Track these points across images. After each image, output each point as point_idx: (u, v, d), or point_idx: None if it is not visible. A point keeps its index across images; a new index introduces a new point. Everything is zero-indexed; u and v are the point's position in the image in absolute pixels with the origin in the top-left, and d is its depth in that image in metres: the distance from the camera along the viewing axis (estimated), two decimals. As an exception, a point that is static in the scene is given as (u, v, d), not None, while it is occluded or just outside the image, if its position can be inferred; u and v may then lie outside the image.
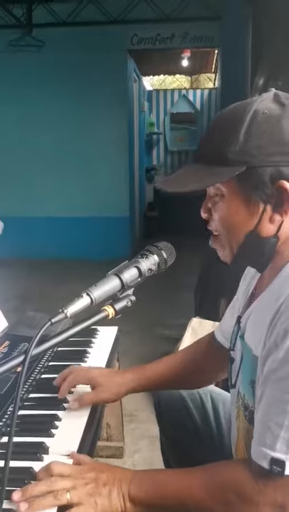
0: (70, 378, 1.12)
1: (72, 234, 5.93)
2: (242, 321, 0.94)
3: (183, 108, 8.52)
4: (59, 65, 5.55)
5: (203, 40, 5.62)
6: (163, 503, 0.79)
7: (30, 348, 0.68)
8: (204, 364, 1.19)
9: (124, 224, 6.04)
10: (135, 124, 6.47)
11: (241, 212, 0.81)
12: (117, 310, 0.79)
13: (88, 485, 0.79)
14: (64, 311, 0.75)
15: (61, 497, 0.76)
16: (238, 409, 0.93)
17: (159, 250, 0.87)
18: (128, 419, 2.21)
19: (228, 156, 0.78)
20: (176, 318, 3.57)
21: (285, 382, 0.71)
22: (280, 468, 0.70)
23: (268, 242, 0.82)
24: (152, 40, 5.61)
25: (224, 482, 0.77)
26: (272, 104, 0.79)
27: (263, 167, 0.77)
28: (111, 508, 0.78)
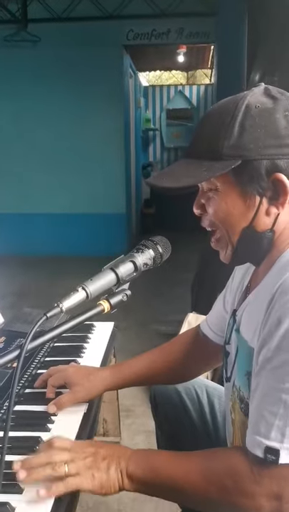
0: (50, 381, 1.12)
1: (68, 231, 5.92)
2: (237, 314, 0.94)
3: (179, 104, 8.50)
4: (55, 61, 5.52)
5: (199, 35, 5.60)
6: (159, 483, 0.80)
7: (26, 343, 0.68)
8: (188, 358, 1.18)
9: (121, 221, 6.03)
10: (131, 120, 6.46)
11: (238, 205, 0.81)
12: (112, 304, 0.79)
13: (87, 458, 0.81)
14: (59, 305, 0.75)
15: (59, 469, 0.78)
16: (234, 402, 0.93)
17: (155, 245, 0.87)
18: (124, 414, 2.21)
19: (222, 151, 0.78)
20: (172, 314, 3.57)
21: (280, 370, 0.71)
22: (275, 456, 0.71)
23: (264, 237, 0.82)
24: (148, 36, 5.59)
25: (221, 468, 0.77)
26: (264, 97, 0.79)
27: (259, 160, 0.77)
28: (108, 482, 0.79)
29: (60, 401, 1.05)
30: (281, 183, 0.77)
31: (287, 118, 0.77)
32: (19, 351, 0.67)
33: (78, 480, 0.79)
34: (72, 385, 1.09)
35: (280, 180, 0.77)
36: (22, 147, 5.81)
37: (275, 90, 0.80)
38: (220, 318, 1.10)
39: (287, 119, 0.77)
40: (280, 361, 0.71)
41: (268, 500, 0.73)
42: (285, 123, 0.77)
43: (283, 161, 0.77)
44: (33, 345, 0.70)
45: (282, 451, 0.70)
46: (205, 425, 1.23)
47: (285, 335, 0.71)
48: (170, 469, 0.80)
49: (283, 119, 0.77)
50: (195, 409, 1.24)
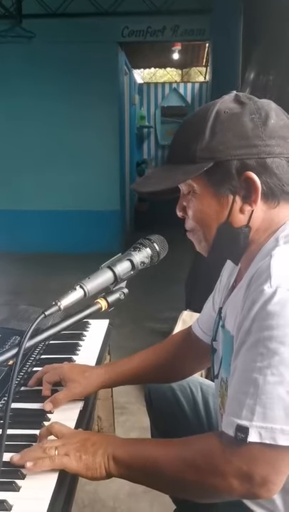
0: (45, 378, 1.13)
1: (62, 228, 5.91)
2: (222, 311, 0.98)
3: (174, 101, 8.50)
4: (49, 57, 5.50)
5: (194, 33, 5.60)
6: (142, 467, 0.84)
7: (24, 341, 0.68)
8: (179, 358, 1.21)
9: (115, 218, 6.03)
10: (126, 117, 6.45)
11: (213, 205, 0.86)
12: (109, 303, 0.80)
13: (77, 443, 0.85)
14: (57, 303, 0.75)
15: (49, 451, 0.83)
16: (222, 397, 0.95)
17: (152, 243, 0.89)
18: (119, 411, 2.22)
19: (196, 154, 0.83)
20: (167, 311, 3.58)
21: (252, 351, 0.73)
22: (244, 435, 0.71)
23: (240, 232, 0.85)
24: (143, 33, 5.58)
25: (196, 450, 0.80)
26: (233, 103, 0.84)
27: (229, 161, 0.82)
28: (94, 464, 0.83)
29: (57, 398, 1.06)
30: (251, 180, 0.82)
31: (253, 121, 0.82)
32: (17, 349, 0.67)
33: (65, 459, 0.83)
34: (68, 381, 1.10)
35: (250, 178, 0.82)
36: (16, 144, 5.78)
37: (244, 96, 0.86)
38: (209, 318, 1.13)
39: (254, 121, 0.82)
40: (252, 342, 0.74)
41: (239, 480, 0.74)
42: (251, 125, 0.81)
43: (252, 160, 0.81)
44: (31, 343, 0.70)
45: (251, 429, 0.71)
46: (199, 422, 1.24)
47: (256, 316, 0.73)
48: (153, 453, 0.83)
49: (250, 121, 0.82)
50: (189, 406, 1.25)
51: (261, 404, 0.71)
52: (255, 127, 0.81)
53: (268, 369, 0.71)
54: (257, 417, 0.71)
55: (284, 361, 0.70)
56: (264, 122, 0.81)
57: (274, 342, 0.70)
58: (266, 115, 0.82)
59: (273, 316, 0.71)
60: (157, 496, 1.66)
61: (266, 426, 0.70)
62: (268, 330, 0.71)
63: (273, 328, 0.71)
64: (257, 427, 0.71)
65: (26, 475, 0.84)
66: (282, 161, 0.82)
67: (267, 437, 0.70)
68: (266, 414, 0.70)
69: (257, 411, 0.71)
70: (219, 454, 0.76)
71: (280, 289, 0.72)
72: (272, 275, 0.73)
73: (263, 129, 0.81)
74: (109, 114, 5.72)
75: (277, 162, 0.82)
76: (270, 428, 0.70)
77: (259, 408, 0.71)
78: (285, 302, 0.71)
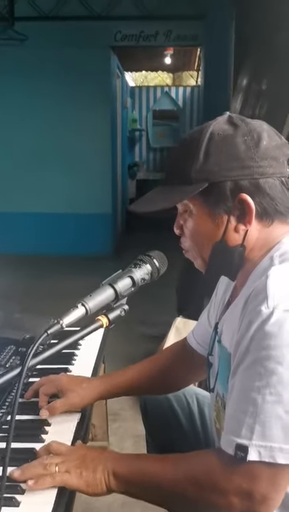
0: (42, 390, 1.13)
1: (54, 230, 5.89)
2: (219, 326, 0.99)
3: (165, 105, 8.54)
4: (42, 60, 5.49)
5: (187, 38, 5.63)
6: (143, 483, 0.85)
7: (27, 361, 0.68)
8: (174, 369, 1.22)
9: (107, 220, 6.03)
10: (118, 120, 6.46)
11: (208, 224, 0.88)
12: (110, 320, 0.81)
13: (77, 460, 0.86)
14: (60, 321, 0.76)
15: (50, 468, 0.84)
16: (218, 412, 0.97)
17: (152, 259, 0.90)
18: (112, 418, 2.22)
19: (191, 175, 0.85)
20: (159, 316, 3.59)
21: (250, 370, 0.75)
22: (243, 453, 0.73)
23: (235, 251, 0.87)
24: (136, 37, 5.59)
25: (196, 467, 0.81)
26: (226, 125, 0.86)
27: (223, 182, 0.84)
28: (94, 480, 0.84)
29: (54, 406, 1.07)
30: (245, 202, 0.84)
31: (246, 142, 0.84)
32: (20, 369, 0.67)
33: (66, 476, 0.83)
34: (65, 391, 1.11)
35: (244, 200, 0.84)
36: (7, 146, 5.76)
37: (237, 118, 0.88)
38: (205, 331, 1.14)
39: (247, 143, 0.83)
40: (250, 362, 0.75)
41: (239, 498, 0.75)
42: (244, 147, 0.83)
43: (245, 181, 0.83)
44: (34, 362, 0.71)
45: (250, 448, 0.73)
46: (195, 432, 1.25)
47: (253, 336, 0.75)
48: (152, 469, 0.84)
49: (243, 143, 0.84)
50: (185, 416, 1.26)
51: (260, 424, 0.72)
52: (247, 149, 0.83)
53: (267, 388, 0.72)
54: (256, 436, 0.72)
55: (282, 381, 0.71)
56: (256, 144, 0.84)
57: (272, 362, 0.72)
58: (258, 137, 0.84)
59: (271, 336, 0.73)
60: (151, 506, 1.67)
61: (265, 445, 0.72)
62: (265, 350, 0.73)
63: (271, 348, 0.72)
64: (256, 445, 0.72)
65: (26, 490, 0.84)
66: (275, 181, 0.84)
67: (266, 456, 0.72)
68: (265, 433, 0.72)
69: (256, 430, 0.72)
70: (219, 472, 0.77)
71: (277, 310, 0.73)
72: (269, 296, 0.75)
73: (255, 150, 0.83)
74: (102, 117, 5.72)
75: (270, 182, 0.84)
76: (269, 447, 0.72)
77: (258, 427, 0.72)
78: (282, 323, 0.72)
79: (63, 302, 3.39)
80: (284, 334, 0.72)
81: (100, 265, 5.28)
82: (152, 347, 2.93)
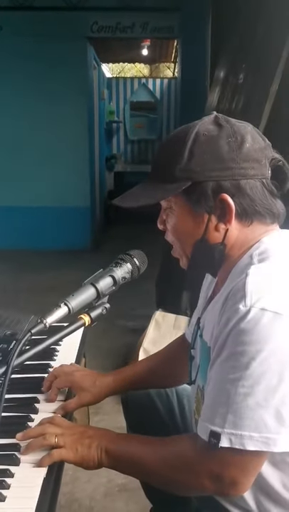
0: (55, 383, 1.16)
1: (31, 224, 5.85)
2: (201, 321, 1.03)
3: (143, 97, 8.52)
4: (16, 50, 5.40)
5: (164, 30, 5.62)
6: (128, 461, 0.93)
7: (12, 360, 0.70)
8: (178, 364, 1.25)
9: (85, 213, 6.01)
10: (95, 112, 6.41)
11: (188, 222, 0.91)
12: (92, 318, 0.83)
13: (75, 435, 0.93)
14: (43, 321, 0.78)
15: (49, 438, 0.91)
16: (198, 404, 1.01)
17: (132, 258, 0.92)
18: (93, 411, 2.25)
19: (174, 174, 0.88)
20: (138, 308, 3.62)
21: (226, 363, 0.80)
22: (216, 440, 0.79)
23: (215, 249, 0.90)
24: (112, 29, 5.56)
25: (174, 450, 0.90)
26: (212, 125, 0.89)
27: (205, 182, 0.86)
28: (88, 456, 0.92)
29: (68, 406, 1.12)
30: (226, 202, 0.87)
31: (229, 144, 0.86)
32: (5, 368, 0.69)
33: (63, 451, 0.91)
34: (78, 390, 1.15)
35: (225, 200, 0.87)
36: (-17, 138, 5.68)
37: (223, 119, 0.90)
38: None
39: (230, 145, 0.86)
40: (226, 355, 0.80)
41: (210, 480, 0.83)
42: (227, 148, 0.86)
43: (227, 182, 0.86)
44: (19, 361, 0.72)
45: (222, 435, 0.78)
46: (175, 424, 1.28)
47: (230, 332, 0.79)
48: (137, 451, 0.92)
49: (226, 145, 0.86)
50: (165, 409, 1.29)
51: (232, 413, 0.77)
52: (230, 150, 0.86)
53: (240, 381, 0.77)
54: (228, 425, 0.78)
55: (254, 375, 0.76)
56: (239, 146, 0.86)
57: (246, 357, 0.76)
58: (242, 139, 0.86)
59: (247, 333, 0.76)
60: (133, 495, 1.71)
61: (236, 433, 0.77)
62: (241, 345, 0.77)
63: (246, 344, 0.76)
64: (228, 433, 0.78)
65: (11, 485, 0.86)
66: (256, 182, 0.87)
67: (236, 443, 0.77)
68: (236, 422, 0.77)
69: (228, 419, 0.78)
70: (193, 456, 0.85)
71: (254, 308, 0.77)
72: (246, 294, 0.78)
73: (238, 152, 0.86)
74: (78, 109, 5.68)
75: (251, 184, 0.87)
76: (239, 435, 0.77)
77: (230, 416, 0.77)
78: (257, 321, 0.76)
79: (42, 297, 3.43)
80: (259, 331, 0.76)
81: (79, 258, 5.28)
82: (132, 340, 2.96)
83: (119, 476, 1.84)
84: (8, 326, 1.55)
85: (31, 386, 1.20)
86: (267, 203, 0.88)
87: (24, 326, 1.59)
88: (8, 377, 0.68)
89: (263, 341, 0.75)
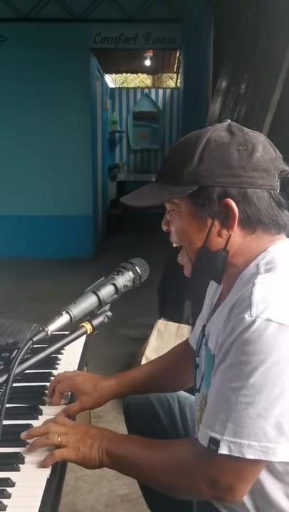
0: (58, 388, 1.17)
1: (34, 233, 5.87)
2: (206, 329, 1.03)
3: (145, 107, 8.57)
4: (21, 61, 5.45)
5: (166, 41, 5.67)
6: (128, 463, 0.94)
7: (13, 368, 0.70)
8: (180, 369, 1.26)
9: (87, 222, 6.03)
10: (98, 122, 6.46)
11: (192, 226, 0.91)
12: (94, 326, 0.83)
13: (78, 434, 0.95)
14: (45, 329, 0.78)
15: (52, 438, 0.93)
16: (201, 412, 1.00)
17: (134, 266, 0.92)
18: (94, 420, 2.24)
19: (182, 177, 0.88)
20: (140, 317, 3.61)
21: (228, 372, 0.80)
22: (215, 447, 0.79)
23: (218, 255, 0.90)
24: (116, 40, 5.61)
25: (172, 457, 0.90)
26: (224, 132, 0.89)
27: (212, 187, 0.87)
28: (90, 456, 0.93)
29: (70, 410, 1.13)
30: (230, 207, 0.87)
31: (240, 152, 0.86)
32: (6, 376, 0.69)
33: (65, 451, 0.92)
34: (80, 394, 1.16)
35: (229, 205, 0.87)
36: (-14, 147, 5.72)
37: (236, 127, 0.90)
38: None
39: (240, 152, 0.86)
40: (229, 363, 0.80)
41: (207, 485, 0.83)
42: (237, 156, 0.86)
43: (234, 189, 0.86)
44: (20, 369, 0.72)
45: (222, 442, 0.78)
46: (176, 433, 1.28)
47: (235, 341, 0.79)
48: (137, 453, 0.93)
49: (236, 152, 0.86)
50: (167, 417, 1.29)
51: (232, 421, 0.78)
52: (240, 158, 0.86)
53: (241, 390, 0.77)
54: (228, 432, 0.78)
55: (256, 385, 0.76)
56: (249, 154, 0.86)
57: (249, 366, 0.76)
58: (253, 148, 0.87)
59: (251, 343, 0.76)
60: (134, 505, 1.70)
61: (235, 441, 0.77)
62: (244, 355, 0.77)
63: (250, 354, 0.76)
64: (227, 441, 0.78)
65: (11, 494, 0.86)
66: (263, 192, 0.87)
67: (235, 451, 0.77)
68: (236, 430, 0.77)
69: (228, 427, 0.78)
70: (192, 461, 0.86)
71: (259, 318, 0.77)
72: (252, 304, 0.78)
73: (247, 160, 0.86)
74: (82, 119, 5.73)
75: (258, 193, 0.87)
76: (238, 443, 0.77)
77: (230, 424, 0.78)
78: (262, 331, 0.76)
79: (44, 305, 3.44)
80: (263, 342, 0.76)
81: (81, 267, 5.29)
82: (134, 349, 2.96)
83: (120, 487, 1.83)
84: (10, 334, 1.56)
85: (33, 395, 1.20)
86: (272, 214, 0.88)
87: (26, 334, 1.60)
88: (9, 386, 0.68)
89: (267, 352, 0.75)
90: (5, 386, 0.68)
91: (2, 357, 1.41)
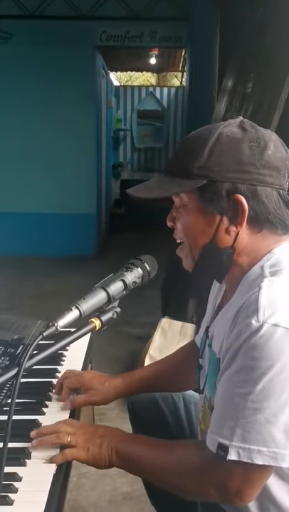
0: (66, 383, 1.18)
1: (38, 230, 5.87)
2: (210, 330, 1.02)
3: (150, 105, 8.56)
4: (26, 58, 5.45)
5: (172, 39, 5.67)
6: (137, 463, 0.94)
7: (24, 362, 0.70)
8: (187, 369, 1.25)
9: (91, 221, 6.03)
10: (103, 120, 6.46)
11: (200, 221, 0.90)
12: (103, 322, 0.83)
13: (86, 434, 0.95)
14: (54, 324, 0.78)
15: (62, 437, 0.94)
16: (204, 413, 1.01)
17: (143, 263, 0.92)
18: (98, 417, 2.24)
19: (192, 171, 0.87)
20: (143, 315, 3.61)
21: (235, 377, 0.79)
22: (224, 452, 0.79)
23: (224, 253, 0.89)
24: (121, 38, 5.61)
25: (180, 460, 0.90)
26: (236, 128, 0.88)
27: (222, 182, 0.85)
28: (100, 455, 0.93)
29: (76, 401, 1.14)
30: (239, 203, 0.85)
31: (251, 148, 0.85)
32: (16, 370, 0.69)
33: (75, 451, 0.92)
34: (88, 389, 1.17)
35: (239, 201, 0.85)
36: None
37: (248, 124, 0.89)
38: None
39: (252, 149, 0.85)
40: (236, 369, 0.79)
41: (215, 489, 0.84)
42: (249, 152, 0.85)
43: (243, 185, 0.85)
44: (30, 363, 0.73)
45: (230, 448, 0.78)
46: (182, 431, 1.28)
47: (242, 346, 0.78)
48: (146, 454, 0.93)
49: (248, 148, 0.85)
50: (172, 415, 1.29)
51: (241, 427, 0.77)
52: (251, 155, 0.85)
53: (249, 396, 0.76)
54: (236, 438, 0.78)
55: (264, 391, 0.75)
56: (261, 152, 0.85)
57: (257, 372, 0.76)
58: (265, 145, 0.86)
59: (258, 348, 0.76)
60: (137, 503, 1.70)
61: (244, 446, 0.77)
62: (252, 360, 0.76)
63: (257, 359, 0.76)
64: (236, 446, 0.78)
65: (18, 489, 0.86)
66: (272, 190, 0.86)
67: (245, 457, 0.77)
68: (245, 436, 0.77)
69: (237, 432, 0.78)
70: (200, 465, 0.86)
71: (267, 323, 0.76)
72: (259, 309, 0.77)
73: (258, 157, 0.85)
74: (86, 116, 5.72)
75: (267, 191, 0.86)
76: (247, 448, 0.77)
77: (239, 430, 0.77)
78: (269, 336, 0.75)
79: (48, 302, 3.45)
80: (271, 347, 0.75)
81: (84, 265, 5.29)
82: (138, 347, 2.96)
83: (123, 485, 1.83)
84: (15, 330, 1.56)
85: (39, 390, 1.21)
86: (280, 214, 0.87)
87: (31, 330, 1.60)
88: (19, 379, 0.69)
89: (275, 357, 0.75)
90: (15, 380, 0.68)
91: (8, 353, 1.41)
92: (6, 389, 1.23)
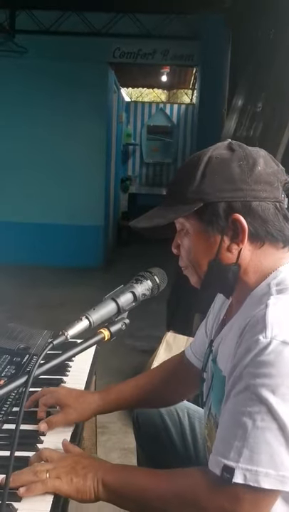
0: (41, 401, 1.14)
1: (45, 241, 5.91)
2: (214, 345, 1.01)
3: (160, 121, 8.67)
4: (40, 72, 5.56)
5: (184, 58, 5.75)
6: (130, 494, 0.86)
7: (33, 370, 0.71)
8: (173, 383, 1.24)
9: (99, 233, 6.07)
10: (113, 134, 6.54)
11: (201, 244, 0.91)
12: (112, 333, 0.84)
13: (68, 466, 0.88)
14: (64, 333, 0.79)
15: (40, 475, 0.86)
16: (210, 430, 0.99)
17: (153, 276, 0.93)
18: (100, 430, 2.23)
19: (187, 195, 0.89)
20: (147, 329, 3.61)
21: (241, 395, 0.77)
22: (230, 475, 0.75)
23: (229, 270, 0.90)
24: (134, 55, 5.71)
25: (182, 486, 0.83)
26: (225, 150, 0.90)
27: (217, 202, 0.87)
28: (84, 487, 0.86)
29: (52, 421, 1.08)
30: (239, 222, 0.87)
31: (241, 167, 0.87)
32: (26, 378, 0.70)
33: (57, 482, 0.85)
34: (63, 406, 1.12)
35: (237, 220, 0.87)
36: (2, 155, 5.79)
37: (236, 144, 0.92)
38: (202, 344, 1.16)
39: (242, 167, 0.87)
40: (243, 387, 0.77)
41: None
42: (239, 171, 0.87)
43: (238, 203, 0.87)
44: (39, 371, 0.73)
45: (236, 470, 0.74)
46: (186, 446, 1.27)
47: (248, 364, 0.77)
48: (139, 483, 0.86)
49: (238, 167, 0.87)
50: (176, 430, 1.28)
51: (248, 447, 0.74)
52: (242, 173, 0.87)
53: (258, 414, 0.74)
54: (243, 459, 0.74)
55: (273, 409, 0.73)
56: (251, 168, 0.87)
57: (265, 390, 0.74)
58: (254, 162, 0.87)
59: (267, 365, 0.74)
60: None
61: (251, 468, 0.74)
62: (260, 378, 0.75)
63: (266, 376, 0.74)
64: (242, 468, 0.74)
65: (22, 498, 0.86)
66: (268, 204, 0.87)
67: (251, 479, 0.73)
68: (252, 457, 0.74)
69: (244, 453, 0.74)
70: (204, 491, 0.80)
71: (275, 340, 0.75)
72: (267, 326, 0.77)
73: (249, 174, 0.87)
74: (97, 130, 5.80)
75: (263, 206, 0.87)
76: (254, 471, 0.73)
77: (246, 451, 0.74)
78: (278, 353, 0.74)
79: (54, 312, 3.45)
80: (280, 364, 0.74)
81: (91, 277, 5.30)
82: (142, 361, 2.95)
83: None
84: (21, 340, 1.56)
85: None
86: (279, 226, 0.88)
87: (37, 340, 1.60)
88: (28, 387, 0.69)
89: (284, 375, 0.73)
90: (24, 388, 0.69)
91: (14, 361, 1.42)
92: (12, 397, 1.23)
